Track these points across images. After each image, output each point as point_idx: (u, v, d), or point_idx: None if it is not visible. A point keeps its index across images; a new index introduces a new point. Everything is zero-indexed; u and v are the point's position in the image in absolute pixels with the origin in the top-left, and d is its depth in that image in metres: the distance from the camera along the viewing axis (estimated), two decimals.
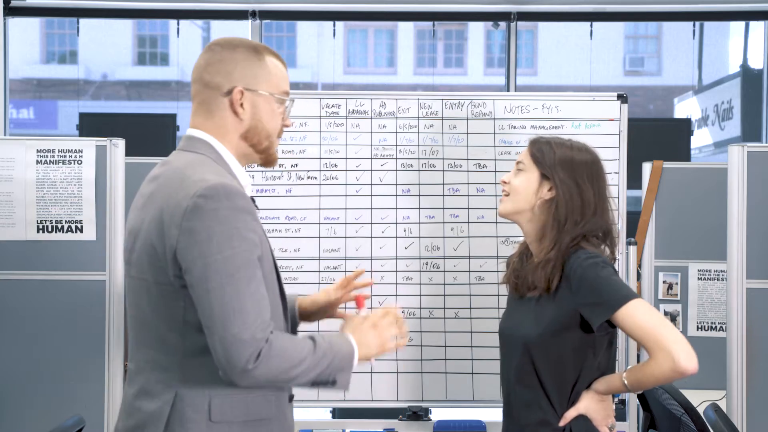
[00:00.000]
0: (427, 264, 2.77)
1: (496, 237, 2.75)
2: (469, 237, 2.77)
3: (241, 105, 1.68)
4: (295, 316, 1.93)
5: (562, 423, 1.94)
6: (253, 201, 1.66)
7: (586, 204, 1.97)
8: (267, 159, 1.75)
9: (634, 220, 3.48)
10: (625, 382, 1.89)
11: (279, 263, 2.76)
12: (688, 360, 1.77)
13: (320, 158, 2.78)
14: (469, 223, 2.77)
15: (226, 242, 1.52)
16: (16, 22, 5.05)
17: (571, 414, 1.94)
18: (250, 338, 1.50)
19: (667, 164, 3.62)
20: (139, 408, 1.62)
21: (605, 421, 1.96)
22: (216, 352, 1.52)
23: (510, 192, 2.03)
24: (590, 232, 1.98)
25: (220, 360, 1.52)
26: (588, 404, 1.95)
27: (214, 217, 1.52)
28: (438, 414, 2.83)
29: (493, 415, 2.43)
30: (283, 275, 2.71)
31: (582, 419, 1.94)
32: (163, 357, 1.61)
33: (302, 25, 8.19)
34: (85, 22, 5.16)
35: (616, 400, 2.75)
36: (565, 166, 1.98)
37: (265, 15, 4.98)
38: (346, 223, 2.77)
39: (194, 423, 1.58)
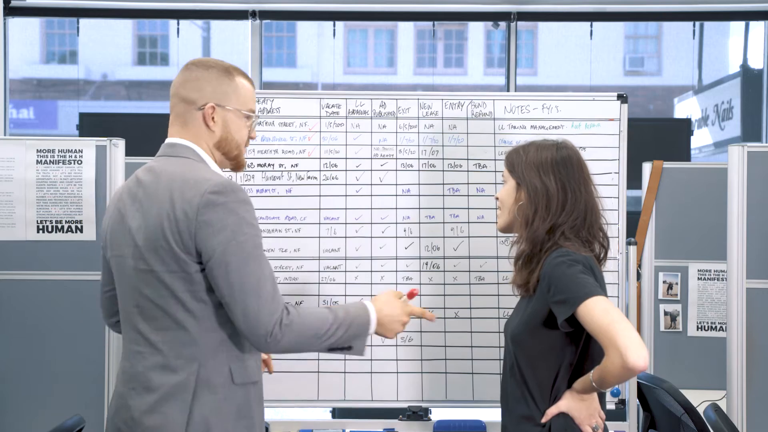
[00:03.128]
0: (427, 264, 2.77)
1: (496, 237, 2.75)
2: (469, 237, 2.77)
3: (213, 119, 1.93)
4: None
5: (543, 420, 1.98)
6: None
7: (551, 197, 2.02)
8: (237, 165, 2.02)
9: (634, 220, 3.48)
10: (592, 380, 1.91)
11: (279, 263, 2.78)
12: (637, 357, 1.77)
13: (320, 158, 2.78)
14: (469, 223, 2.78)
15: (238, 229, 1.79)
16: (16, 22, 5.05)
17: (552, 411, 1.97)
18: (268, 311, 1.78)
19: (667, 164, 3.62)
20: (159, 383, 1.83)
21: (588, 420, 1.97)
22: (239, 325, 1.79)
23: (500, 206, 2.14)
24: (562, 225, 2.01)
25: (243, 332, 1.80)
26: (569, 403, 1.97)
27: (224, 209, 1.79)
28: (438, 414, 2.84)
29: (493, 415, 2.43)
30: (283, 275, 2.75)
31: (563, 417, 1.96)
32: (182, 335, 1.83)
33: (302, 25, 8.18)
34: (85, 22, 5.15)
35: (616, 399, 2.75)
36: (531, 167, 2.06)
37: (265, 15, 4.98)
38: (346, 223, 2.77)
39: (221, 386, 1.84)
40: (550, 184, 2.03)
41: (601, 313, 1.83)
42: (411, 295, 2.09)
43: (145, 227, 1.84)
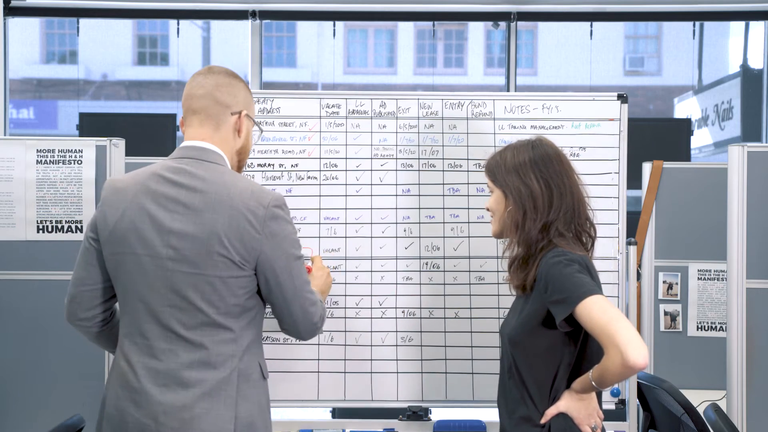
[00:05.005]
0: (427, 264, 2.77)
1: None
2: (469, 237, 2.77)
3: (242, 126, 2.07)
4: None
5: (542, 420, 1.98)
6: None
7: (536, 197, 2.03)
8: (238, 171, 2.14)
9: (634, 220, 3.48)
10: (591, 379, 1.91)
11: None
12: (637, 355, 1.77)
13: (320, 158, 2.78)
14: (469, 223, 2.77)
15: (293, 237, 2.01)
16: (16, 22, 5.06)
17: (551, 412, 1.97)
18: (319, 303, 2.06)
19: (667, 164, 3.62)
20: (202, 378, 1.92)
21: (587, 420, 1.97)
22: (295, 317, 2.00)
23: (492, 215, 2.15)
24: (555, 222, 2.02)
25: (300, 324, 2.01)
26: (568, 403, 1.97)
27: (284, 221, 1.98)
28: (438, 414, 2.83)
29: (493, 415, 2.43)
30: None
31: (562, 418, 1.96)
32: (224, 333, 1.95)
33: (302, 25, 8.18)
34: (85, 22, 5.16)
35: (616, 399, 2.75)
36: (511, 173, 2.07)
37: (265, 15, 4.98)
38: (346, 223, 2.77)
39: (256, 381, 2.00)
40: (533, 184, 2.03)
41: (599, 312, 1.83)
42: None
43: (196, 232, 1.92)
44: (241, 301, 1.96)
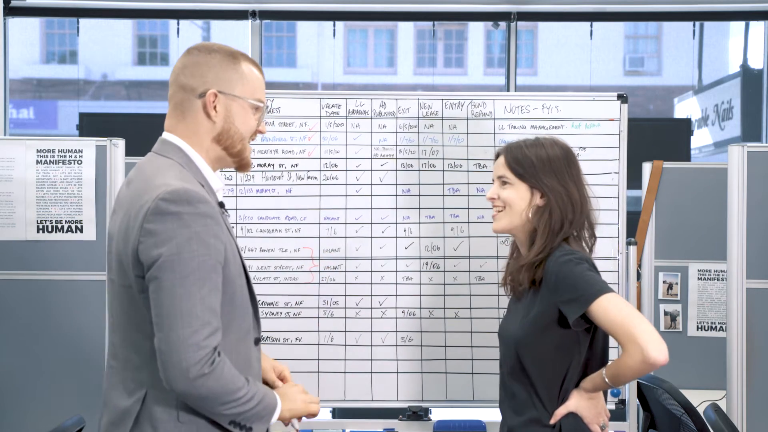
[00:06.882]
0: (427, 264, 2.77)
1: (496, 237, 2.75)
2: (469, 237, 2.77)
3: (215, 108, 1.71)
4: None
5: (552, 421, 1.96)
6: (222, 205, 1.73)
7: (574, 202, 2.01)
8: (241, 163, 1.78)
9: (634, 220, 3.48)
10: (605, 377, 1.90)
11: (279, 263, 2.78)
12: (657, 351, 1.77)
13: (320, 158, 2.78)
14: (469, 223, 2.77)
15: (185, 245, 1.54)
16: (16, 22, 5.05)
17: (560, 412, 1.96)
18: (195, 343, 1.53)
19: (667, 164, 3.62)
20: (116, 404, 1.65)
21: (596, 419, 1.97)
22: (159, 352, 1.54)
23: (504, 207, 2.05)
24: (576, 224, 2.01)
25: (162, 360, 1.54)
26: (577, 402, 1.96)
27: (175, 220, 1.55)
28: (438, 414, 2.84)
29: (493, 415, 2.44)
30: (282, 275, 2.75)
31: (572, 417, 1.95)
32: (135, 357, 1.64)
33: (302, 25, 8.19)
34: (85, 22, 5.15)
35: (616, 399, 2.75)
36: (547, 171, 2.01)
37: (265, 15, 4.97)
38: (346, 223, 2.77)
39: (163, 423, 1.61)
40: (572, 188, 2.01)
41: (615, 310, 1.83)
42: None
43: (116, 233, 1.66)
44: (146, 318, 1.60)
